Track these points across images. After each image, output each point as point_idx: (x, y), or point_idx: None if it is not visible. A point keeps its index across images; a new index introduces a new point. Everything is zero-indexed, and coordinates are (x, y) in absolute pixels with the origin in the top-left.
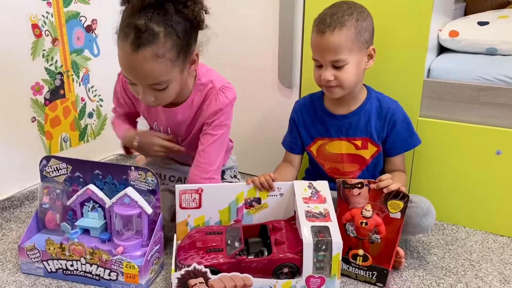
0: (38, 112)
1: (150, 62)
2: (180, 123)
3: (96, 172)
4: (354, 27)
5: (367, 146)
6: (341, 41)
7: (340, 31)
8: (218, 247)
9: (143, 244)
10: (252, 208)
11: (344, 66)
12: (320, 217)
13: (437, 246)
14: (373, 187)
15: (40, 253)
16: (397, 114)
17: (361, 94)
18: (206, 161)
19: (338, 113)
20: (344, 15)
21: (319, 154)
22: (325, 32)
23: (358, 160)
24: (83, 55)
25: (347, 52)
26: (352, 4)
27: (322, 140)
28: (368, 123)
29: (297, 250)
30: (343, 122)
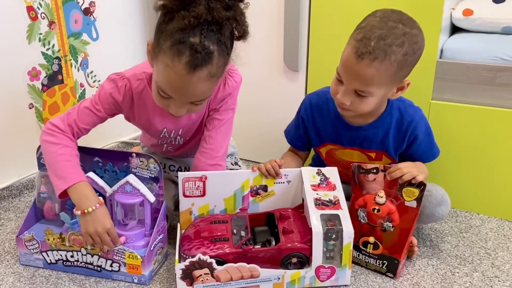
0: (35, 99)
1: (204, 83)
2: (193, 122)
3: (96, 159)
4: (397, 63)
5: (381, 158)
6: (377, 74)
7: (380, 64)
8: (224, 237)
9: (146, 233)
10: (258, 196)
11: (367, 97)
12: (329, 204)
13: (450, 234)
14: (386, 175)
15: (39, 243)
16: (419, 128)
17: (381, 106)
18: (212, 147)
19: (354, 124)
20: (393, 44)
21: (329, 157)
22: (363, 59)
23: None
24: (81, 39)
25: (377, 86)
26: (410, 26)
27: (332, 145)
28: (386, 137)
29: (306, 239)
30: (358, 134)
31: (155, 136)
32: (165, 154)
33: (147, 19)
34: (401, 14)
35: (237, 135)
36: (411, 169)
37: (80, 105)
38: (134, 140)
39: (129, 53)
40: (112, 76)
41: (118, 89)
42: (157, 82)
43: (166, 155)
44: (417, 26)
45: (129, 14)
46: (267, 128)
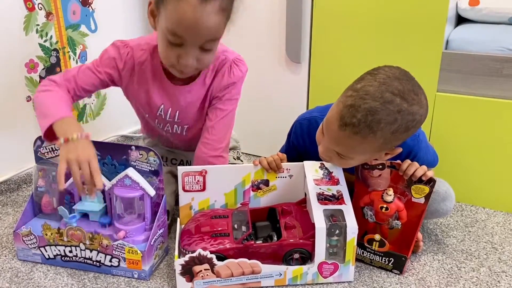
0: (33, 91)
1: (216, 16)
2: (190, 103)
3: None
4: (384, 139)
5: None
6: (358, 146)
7: (362, 139)
8: (224, 232)
9: (146, 228)
10: (260, 191)
11: (348, 159)
12: (333, 199)
13: (456, 228)
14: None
15: (36, 238)
16: (419, 155)
17: None
18: (215, 138)
19: None
20: (382, 121)
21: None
22: (345, 130)
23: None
24: (79, 31)
25: (359, 154)
26: (410, 102)
27: None
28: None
29: (309, 234)
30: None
31: (152, 116)
32: (168, 146)
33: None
34: (406, 83)
35: (238, 128)
36: (417, 167)
37: (80, 67)
38: (134, 134)
39: None
40: (116, 43)
41: (120, 55)
42: (167, 27)
43: (169, 147)
44: (418, 101)
45: (128, 5)
46: (269, 121)
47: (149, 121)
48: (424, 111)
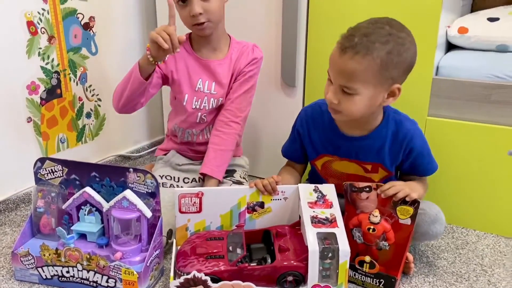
0: (34, 112)
1: None
2: (222, 77)
3: (93, 174)
4: (380, 60)
5: (378, 170)
6: (359, 69)
7: (362, 58)
8: (219, 254)
9: (142, 249)
10: (255, 213)
11: (354, 96)
12: (326, 223)
13: (447, 250)
14: (381, 195)
15: (34, 259)
16: (415, 141)
17: (377, 117)
18: (238, 107)
19: (349, 134)
20: (377, 42)
21: (324, 169)
22: (346, 53)
23: (366, 181)
24: (80, 54)
25: (361, 83)
26: (398, 29)
27: (328, 157)
28: (382, 149)
29: (302, 257)
30: (354, 145)
31: (191, 95)
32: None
33: (146, 34)
34: (392, 20)
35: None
36: (404, 187)
37: None
38: (131, 154)
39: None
40: None
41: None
42: None
43: (187, 150)
44: (406, 31)
45: (128, 28)
46: (264, 143)
47: (187, 106)
48: (411, 40)
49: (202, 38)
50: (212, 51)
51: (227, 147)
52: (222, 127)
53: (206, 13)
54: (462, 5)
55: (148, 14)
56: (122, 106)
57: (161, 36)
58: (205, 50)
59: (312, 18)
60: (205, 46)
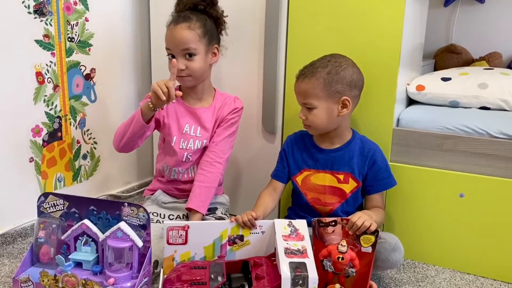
0: (36, 153)
1: (184, 30)
2: (206, 122)
3: (91, 208)
4: (323, 79)
5: (348, 180)
6: (309, 88)
7: (309, 80)
8: (202, 281)
9: (133, 276)
10: (235, 245)
11: (313, 110)
12: (298, 253)
13: (408, 283)
14: (346, 228)
15: (34, 285)
16: (377, 155)
17: (346, 134)
18: (221, 149)
19: (325, 148)
20: (319, 67)
21: (304, 184)
22: (299, 79)
23: (339, 193)
24: (81, 101)
25: (314, 98)
26: (336, 57)
27: (308, 171)
28: (351, 160)
29: (276, 284)
30: (329, 156)
31: (179, 137)
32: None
33: (140, 85)
34: (336, 53)
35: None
36: (364, 219)
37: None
38: (121, 194)
39: (122, 114)
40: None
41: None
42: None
43: (173, 190)
44: (345, 58)
45: (125, 80)
46: (244, 184)
47: (175, 147)
48: (349, 64)
49: (189, 88)
50: (198, 100)
51: (211, 184)
52: (207, 166)
53: (188, 69)
54: (423, 65)
55: (143, 68)
56: (122, 146)
57: (160, 89)
58: (192, 99)
59: (290, 72)
60: (192, 96)
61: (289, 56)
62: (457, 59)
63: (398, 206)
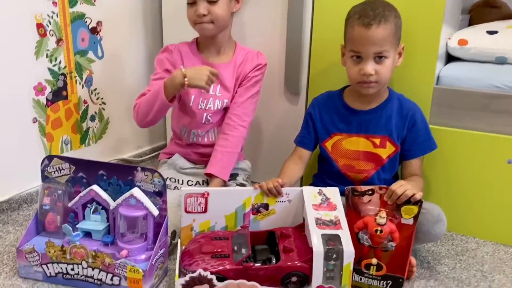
0: (39, 113)
1: None
2: (226, 80)
3: (101, 173)
4: (394, 23)
5: (385, 145)
6: (386, 34)
7: (385, 25)
8: (224, 253)
9: (148, 247)
10: (259, 214)
11: (385, 60)
12: (330, 224)
13: (447, 256)
14: (385, 198)
15: (39, 256)
16: (417, 115)
17: (384, 92)
18: (244, 112)
19: (359, 109)
20: (385, 10)
21: (334, 150)
22: (372, 25)
23: (375, 158)
24: (87, 57)
25: (389, 45)
26: (386, 2)
27: (339, 135)
28: (389, 121)
29: (306, 258)
30: (363, 118)
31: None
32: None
33: (151, 41)
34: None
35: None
36: (406, 188)
37: (150, 83)
38: (133, 158)
39: (132, 73)
40: (163, 48)
41: (170, 51)
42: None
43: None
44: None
45: (134, 34)
46: (266, 149)
47: (194, 107)
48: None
49: (208, 41)
50: (217, 55)
51: (233, 149)
52: (229, 130)
53: (211, 14)
54: (460, 19)
55: (154, 22)
56: (148, 122)
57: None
58: (211, 53)
59: (316, 26)
60: (211, 49)
61: (316, 5)
62: (495, 13)
63: (437, 173)
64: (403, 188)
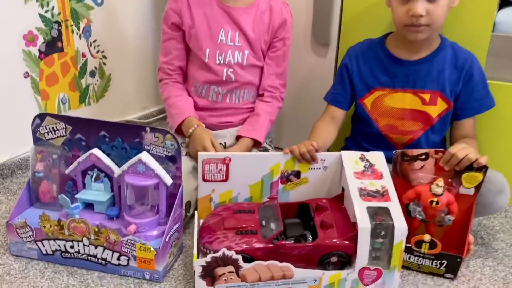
0: (31, 67)
1: None
2: (246, 27)
3: (102, 134)
4: None
5: (436, 101)
6: None
7: None
8: (251, 229)
9: (160, 222)
10: (289, 183)
11: (439, 2)
12: (377, 196)
13: (502, 231)
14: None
15: (33, 231)
16: (475, 67)
17: (435, 39)
18: (281, 71)
19: (406, 59)
20: None
21: (375, 108)
22: None
23: (423, 118)
24: (84, 3)
25: None
26: None
27: (381, 90)
28: (441, 73)
29: (349, 236)
30: (411, 70)
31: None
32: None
33: None
34: None
35: None
36: (468, 152)
37: (161, 51)
38: (139, 120)
39: (135, 23)
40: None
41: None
42: None
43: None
44: None
45: None
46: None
47: (210, 63)
48: None
49: None
50: None
51: (274, 118)
52: (271, 99)
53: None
54: None
55: None
56: None
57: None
58: None
59: None
60: None
61: None
62: None
63: (492, 135)
64: (465, 151)
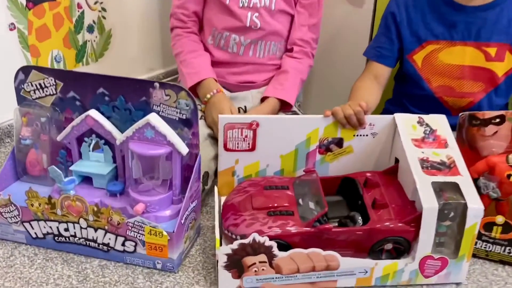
0: (18, 17)
1: None
2: None
3: (101, 92)
4: None
5: (504, 57)
6: None
7: None
8: (287, 209)
9: (174, 199)
10: (330, 154)
11: None
12: (443, 168)
13: None
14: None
15: (19, 210)
16: None
17: None
18: (315, 37)
19: (468, 4)
20: None
21: (426, 65)
22: None
23: (486, 77)
24: None
25: None
26: None
27: (435, 44)
28: (511, 23)
29: (410, 218)
30: (474, 17)
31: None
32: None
33: None
34: None
35: None
36: None
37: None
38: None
39: None
40: None
41: None
42: None
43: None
44: None
45: None
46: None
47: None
48: None
49: None
50: None
51: (304, 77)
52: (302, 55)
53: None
54: None
55: None
56: None
57: None
58: None
59: None
60: None
61: None
62: None
63: None
64: None
